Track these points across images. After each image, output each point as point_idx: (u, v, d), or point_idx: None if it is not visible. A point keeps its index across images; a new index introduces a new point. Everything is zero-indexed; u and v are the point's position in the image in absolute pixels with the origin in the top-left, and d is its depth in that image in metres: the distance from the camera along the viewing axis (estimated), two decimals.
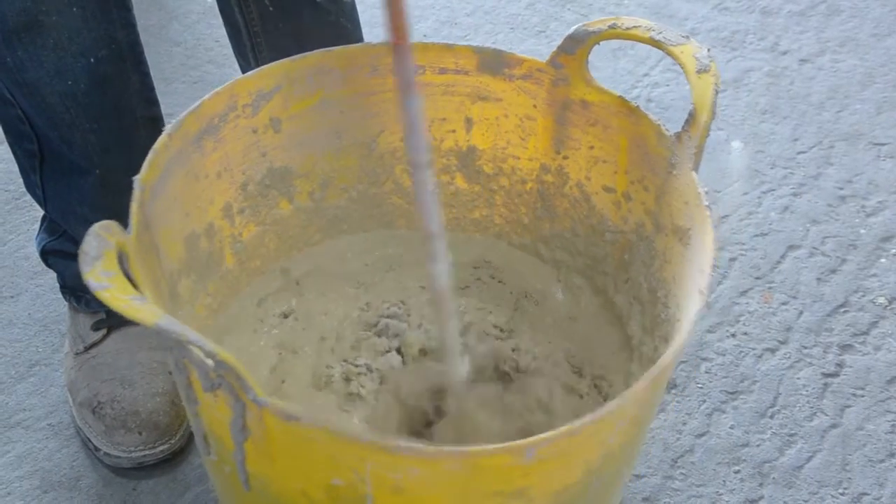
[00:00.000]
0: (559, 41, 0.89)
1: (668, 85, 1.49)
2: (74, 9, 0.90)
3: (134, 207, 0.75)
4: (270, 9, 1.03)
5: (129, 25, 0.96)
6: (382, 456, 0.63)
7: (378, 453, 0.63)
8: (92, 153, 0.97)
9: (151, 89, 1.01)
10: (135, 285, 0.66)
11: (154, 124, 0.99)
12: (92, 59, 0.93)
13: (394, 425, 0.87)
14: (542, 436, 0.62)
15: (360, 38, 1.09)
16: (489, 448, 0.62)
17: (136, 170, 0.77)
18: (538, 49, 1.55)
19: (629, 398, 0.65)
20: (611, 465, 0.71)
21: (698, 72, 0.80)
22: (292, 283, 0.99)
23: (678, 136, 0.82)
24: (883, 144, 1.40)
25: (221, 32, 1.12)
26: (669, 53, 0.82)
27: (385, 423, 0.87)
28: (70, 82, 0.92)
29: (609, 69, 1.51)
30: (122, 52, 0.95)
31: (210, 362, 0.63)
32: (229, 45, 1.12)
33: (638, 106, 0.87)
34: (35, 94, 0.93)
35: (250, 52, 1.07)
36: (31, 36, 0.89)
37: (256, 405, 0.63)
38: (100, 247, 0.64)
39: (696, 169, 0.81)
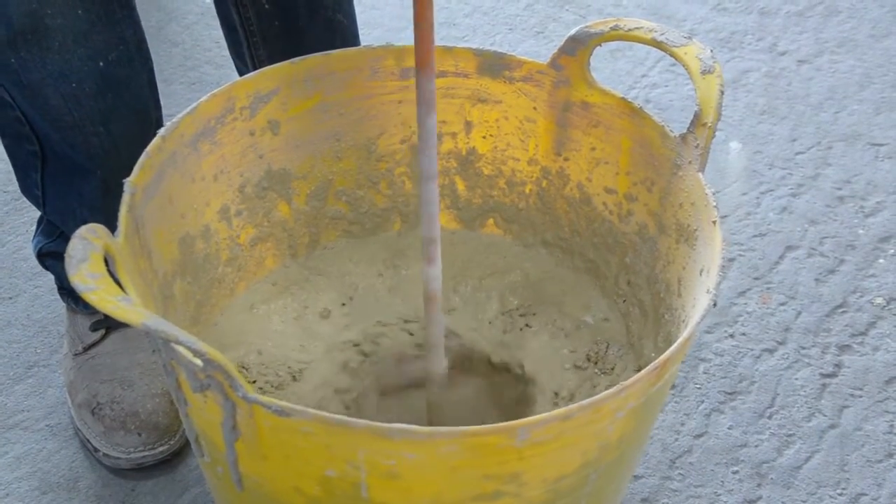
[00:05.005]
0: (558, 42, 0.89)
1: (666, 86, 1.49)
2: (80, 11, 0.90)
3: (123, 211, 0.75)
4: (266, 6, 1.02)
5: (135, 23, 0.96)
6: (377, 442, 0.63)
7: (372, 439, 0.63)
8: (95, 155, 0.97)
9: (156, 89, 1.01)
10: (122, 288, 0.66)
11: (158, 126, 0.99)
12: (101, 63, 0.92)
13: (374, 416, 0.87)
14: (536, 417, 0.63)
15: (356, 34, 1.09)
16: (483, 428, 0.63)
17: None
18: (537, 50, 1.55)
19: (627, 387, 0.65)
20: (609, 459, 0.71)
21: (703, 73, 0.80)
22: (290, 283, 0.99)
23: (683, 137, 0.82)
24: (881, 145, 1.40)
25: (220, 33, 1.12)
26: (672, 55, 0.82)
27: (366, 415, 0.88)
28: (74, 84, 0.92)
29: (607, 70, 1.51)
30: (130, 53, 0.95)
31: (199, 362, 0.63)
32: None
33: (641, 107, 0.87)
34: (37, 95, 0.92)
35: (247, 51, 1.06)
36: (36, 38, 0.89)
37: (247, 402, 0.63)
38: (85, 249, 0.64)
39: (702, 170, 0.81)
